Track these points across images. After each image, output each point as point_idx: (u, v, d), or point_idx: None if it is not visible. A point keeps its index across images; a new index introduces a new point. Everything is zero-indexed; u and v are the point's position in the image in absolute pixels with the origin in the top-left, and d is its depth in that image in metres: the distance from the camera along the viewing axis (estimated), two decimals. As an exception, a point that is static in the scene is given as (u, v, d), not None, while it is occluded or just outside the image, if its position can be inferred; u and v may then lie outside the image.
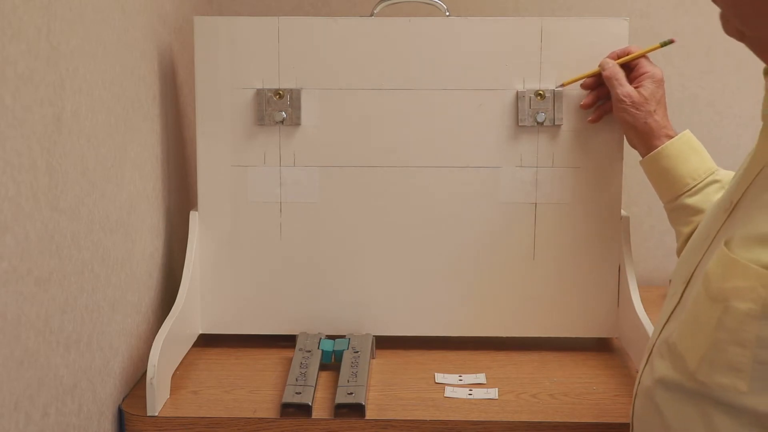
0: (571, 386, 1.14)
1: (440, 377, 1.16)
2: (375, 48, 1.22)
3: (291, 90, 1.22)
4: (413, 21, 1.22)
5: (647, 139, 1.14)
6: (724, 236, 0.78)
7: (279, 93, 1.22)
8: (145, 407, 1.05)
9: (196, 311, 1.25)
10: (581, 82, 1.21)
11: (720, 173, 1.11)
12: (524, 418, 1.04)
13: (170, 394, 1.11)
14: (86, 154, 0.95)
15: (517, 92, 1.22)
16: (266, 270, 1.26)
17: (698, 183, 1.10)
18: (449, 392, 1.11)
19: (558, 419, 1.04)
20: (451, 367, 1.19)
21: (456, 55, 1.22)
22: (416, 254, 1.25)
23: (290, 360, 1.17)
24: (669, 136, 1.13)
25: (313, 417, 1.04)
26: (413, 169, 1.23)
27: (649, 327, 1.13)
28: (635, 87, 1.15)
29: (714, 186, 1.09)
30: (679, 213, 1.12)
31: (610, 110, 1.19)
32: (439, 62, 1.22)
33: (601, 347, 1.28)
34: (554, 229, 1.24)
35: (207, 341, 1.27)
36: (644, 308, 1.17)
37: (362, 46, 1.22)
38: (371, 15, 1.29)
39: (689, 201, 1.10)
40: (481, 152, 1.23)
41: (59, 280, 0.89)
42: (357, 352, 1.17)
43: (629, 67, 1.18)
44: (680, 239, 1.12)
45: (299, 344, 1.20)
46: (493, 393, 1.11)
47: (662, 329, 0.85)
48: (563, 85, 1.21)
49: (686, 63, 1.61)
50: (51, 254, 0.87)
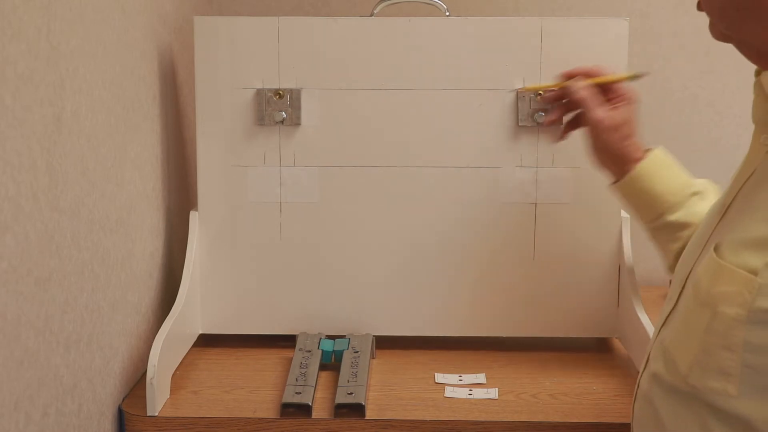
0: (571, 386, 1.14)
1: (440, 377, 1.16)
2: (375, 48, 1.22)
3: (291, 90, 1.22)
4: (413, 21, 1.22)
5: (621, 163, 1.07)
6: (716, 239, 0.79)
7: (279, 93, 1.22)
8: (145, 407, 1.05)
9: (196, 311, 1.25)
10: (541, 93, 1.15)
11: (697, 183, 1.07)
12: (524, 418, 1.04)
13: (170, 394, 1.11)
14: (86, 154, 0.95)
15: (517, 92, 1.22)
16: (266, 270, 1.26)
17: (679, 198, 1.05)
18: (449, 392, 1.11)
19: (558, 419, 1.04)
20: (451, 367, 1.19)
21: (456, 55, 1.22)
22: (416, 254, 1.25)
23: (290, 360, 1.17)
24: (640, 159, 1.06)
25: (313, 417, 1.04)
26: (413, 169, 1.23)
27: (649, 327, 1.13)
28: (611, 109, 1.08)
29: (695, 198, 1.05)
30: (664, 231, 1.07)
31: (578, 127, 1.14)
32: (439, 62, 1.22)
33: (601, 347, 1.28)
34: (554, 229, 1.24)
35: (207, 341, 1.27)
36: (644, 308, 1.17)
37: (362, 46, 1.22)
38: (371, 15, 1.29)
39: (673, 218, 1.05)
40: (481, 152, 1.23)
41: (59, 280, 0.89)
42: (357, 352, 1.17)
43: (602, 88, 1.10)
44: (669, 256, 1.07)
45: (299, 344, 1.20)
46: (493, 393, 1.11)
47: (659, 332, 0.85)
48: (521, 90, 1.17)
49: (686, 63, 1.61)
50: (51, 254, 0.87)
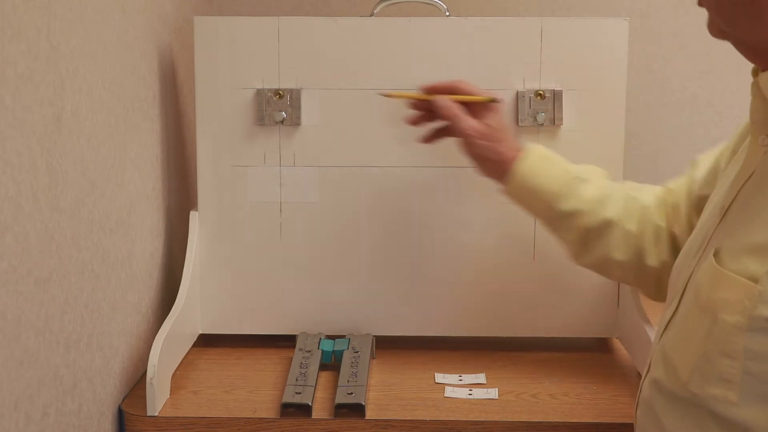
0: (571, 386, 1.14)
1: (440, 377, 1.16)
2: (375, 48, 1.22)
3: (291, 90, 1.22)
4: (413, 21, 1.22)
5: (501, 168, 1.08)
6: (715, 244, 0.78)
7: (279, 93, 1.22)
8: (145, 407, 1.05)
9: (196, 311, 1.25)
10: (410, 102, 1.14)
11: (581, 170, 1.07)
12: (524, 418, 1.04)
13: (170, 394, 1.11)
14: (86, 154, 0.95)
15: (517, 92, 1.22)
16: (266, 270, 1.26)
17: (564, 187, 1.05)
18: (449, 392, 1.11)
19: (558, 419, 1.04)
20: (451, 367, 1.19)
21: (456, 55, 1.22)
22: (416, 254, 1.25)
23: (290, 360, 1.17)
24: (516, 158, 1.07)
25: (313, 417, 1.04)
26: (413, 169, 1.23)
27: (649, 327, 1.13)
28: (477, 119, 1.08)
29: (581, 184, 1.05)
30: (558, 223, 1.07)
31: (447, 135, 1.13)
32: (439, 62, 1.22)
33: (601, 347, 1.28)
34: (554, 229, 1.24)
35: (207, 341, 1.27)
36: (644, 308, 1.17)
37: (362, 46, 1.22)
38: (371, 15, 1.29)
39: (563, 207, 1.05)
40: (481, 152, 1.23)
41: (59, 280, 0.89)
42: (357, 352, 1.17)
43: (464, 103, 1.10)
44: (570, 246, 1.08)
45: (299, 344, 1.20)
46: (493, 393, 1.11)
47: (661, 337, 0.84)
48: (386, 96, 1.16)
49: (686, 63, 1.61)
50: (51, 254, 0.87)
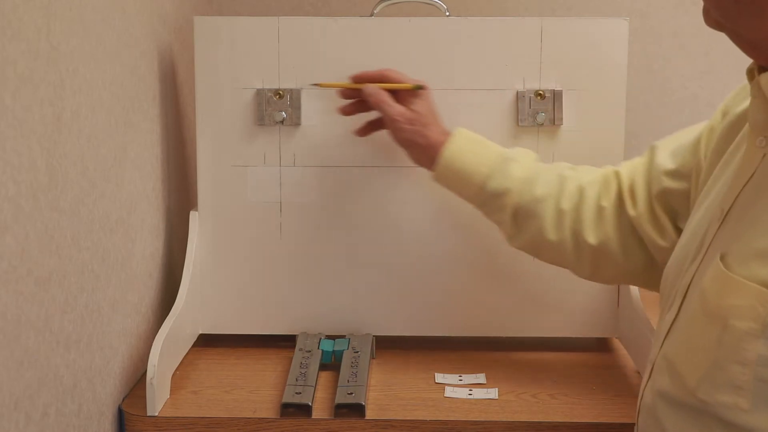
0: (571, 386, 1.13)
1: (440, 377, 1.16)
2: (375, 48, 1.22)
3: (291, 90, 1.22)
4: (413, 21, 1.22)
5: (429, 153, 1.10)
6: (719, 248, 0.77)
7: (279, 93, 1.22)
8: (145, 407, 1.05)
9: (196, 311, 1.25)
10: (340, 90, 1.16)
11: (509, 151, 1.09)
12: (524, 418, 1.04)
13: (170, 394, 1.11)
14: (86, 154, 0.95)
15: (517, 92, 1.22)
16: (266, 270, 1.26)
17: (492, 167, 1.07)
18: (449, 392, 1.11)
19: (558, 419, 1.04)
20: (451, 367, 1.19)
21: (456, 55, 1.22)
22: (416, 254, 1.25)
23: (290, 360, 1.17)
24: (444, 142, 1.09)
25: (313, 417, 1.04)
26: (413, 169, 1.23)
27: (650, 327, 1.13)
28: (404, 106, 1.12)
29: (509, 164, 1.07)
30: (489, 203, 1.08)
31: (381, 127, 1.16)
32: (439, 62, 1.22)
33: (601, 347, 1.28)
34: (554, 229, 1.24)
35: (207, 341, 1.27)
36: (644, 308, 1.17)
37: (362, 46, 1.22)
38: (371, 15, 1.29)
39: (491, 186, 1.06)
40: (481, 152, 1.23)
41: (59, 280, 0.89)
42: (357, 352, 1.17)
43: (393, 91, 1.13)
44: (504, 227, 1.09)
45: (299, 344, 1.20)
46: (493, 393, 1.11)
47: (663, 343, 0.83)
48: (317, 86, 1.18)
49: (686, 63, 1.61)
50: (51, 254, 0.87)
